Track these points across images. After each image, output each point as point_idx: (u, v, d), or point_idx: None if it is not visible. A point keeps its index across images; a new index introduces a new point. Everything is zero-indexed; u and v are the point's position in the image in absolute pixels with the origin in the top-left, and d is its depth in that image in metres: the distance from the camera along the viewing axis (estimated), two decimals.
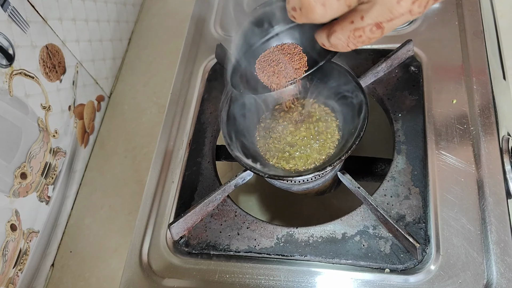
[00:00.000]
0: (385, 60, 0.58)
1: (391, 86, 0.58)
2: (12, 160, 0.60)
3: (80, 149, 0.78)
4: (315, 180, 0.52)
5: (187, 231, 0.54)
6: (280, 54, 0.49)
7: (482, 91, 0.55)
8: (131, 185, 0.76)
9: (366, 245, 0.49)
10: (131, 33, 0.95)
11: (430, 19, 0.63)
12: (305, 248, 0.50)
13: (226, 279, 0.50)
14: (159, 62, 0.90)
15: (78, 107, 0.76)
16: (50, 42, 0.69)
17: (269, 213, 0.70)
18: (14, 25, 0.60)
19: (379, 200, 0.51)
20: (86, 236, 0.73)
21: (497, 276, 0.44)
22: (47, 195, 0.68)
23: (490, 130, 0.52)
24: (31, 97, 0.64)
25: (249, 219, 0.53)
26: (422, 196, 0.50)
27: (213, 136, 0.61)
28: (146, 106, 0.85)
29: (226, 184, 0.54)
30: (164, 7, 0.98)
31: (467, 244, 0.47)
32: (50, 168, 0.68)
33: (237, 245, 0.52)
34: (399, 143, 0.54)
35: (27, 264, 0.64)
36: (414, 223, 0.49)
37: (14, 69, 0.60)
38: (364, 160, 0.58)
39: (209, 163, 0.59)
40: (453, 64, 0.58)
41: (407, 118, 0.55)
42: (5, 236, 0.59)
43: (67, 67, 0.73)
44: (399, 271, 0.47)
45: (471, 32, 0.59)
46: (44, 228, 0.68)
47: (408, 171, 0.52)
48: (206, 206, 0.54)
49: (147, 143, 0.80)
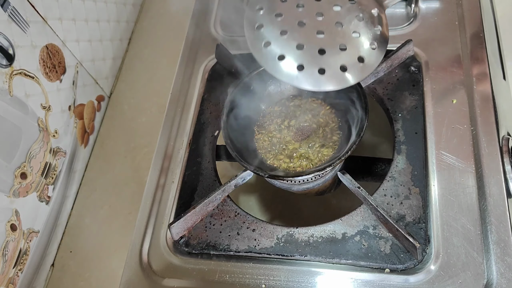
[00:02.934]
0: (385, 60, 0.58)
1: (391, 86, 0.58)
2: (12, 160, 0.60)
3: (80, 149, 0.77)
4: (315, 180, 0.52)
5: (187, 231, 0.54)
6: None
7: (482, 91, 0.55)
8: (131, 185, 0.76)
9: (366, 245, 0.49)
10: (131, 33, 0.95)
11: (430, 19, 0.63)
12: (305, 248, 0.50)
13: (226, 279, 0.50)
14: (159, 62, 0.90)
15: (78, 107, 0.76)
16: (50, 42, 0.69)
17: (269, 213, 0.70)
18: (14, 25, 0.60)
19: (379, 200, 0.51)
20: (86, 236, 0.73)
21: (497, 276, 0.44)
22: (47, 195, 0.68)
23: (490, 130, 0.52)
24: (31, 97, 0.64)
25: (249, 219, 0.53)
26: (422, 196, 0.50)
27: (213, 136, 0.61)
28: (146, 106, 0.85)
29: (226, 184, 0.54)
30: (164, 7, 0.98)
31: (467, 244, 0.47)
32: (50, 168, 0.68)
33: (237, 245, 0.52)
34: (399, 143, 0.54)
35: (27, 264, 0.64)
36: (414, 223, 0.49)
37: (14, 69, 0.60)
38: (364, 160, 0.58)
39: (209, 163, 0.59)
40: (453, 64, 0.58)
41: (407, 118, 0.55)
42: (5, 236, 0.59)
43: (67, 67, 0.73)
44: (399, 271, 0.47)
45: (471, 32, 0.59)
46: (44, 228, 0.68)
47: (408, 171, 0.52)
48: (206, 206, 0.54)
49: (147, 143, 0.80)
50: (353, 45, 0.39)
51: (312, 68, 0.39)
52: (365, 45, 0.40)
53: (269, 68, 0.40)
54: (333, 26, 0.40)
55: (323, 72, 0.39)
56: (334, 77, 0.39)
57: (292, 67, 0.39)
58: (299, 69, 0.39)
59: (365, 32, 0.40)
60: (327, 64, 0.39)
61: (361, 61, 0.39)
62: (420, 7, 0.64)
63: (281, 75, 0.40)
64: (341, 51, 0.39)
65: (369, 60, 0.40)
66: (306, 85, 0.40)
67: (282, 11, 0.40)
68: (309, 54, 0.39)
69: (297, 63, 0.39)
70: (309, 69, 0.39)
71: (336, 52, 0.39)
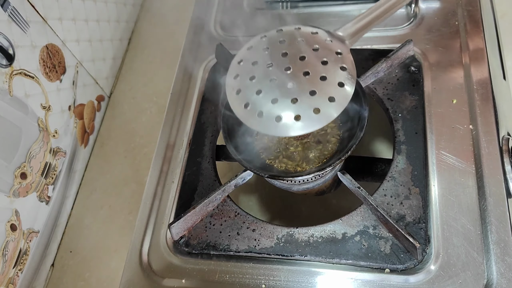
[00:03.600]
0: (385, 60, 0.58)
1: (391, 86, 0.58)
2: (12, 160, 0.60)
3: (80, 149, 0.77)
4: (315, 180, 0.52)
5: (187, 231, 0.54)
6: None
7: (482, 91, 0.55)
8: (131, 185, 0.76)
9: (366, 245, 0.49)
10: (131, 33, 0.95)
11: (430, 19, 0.63)
12: (305, 248, 0.50)
13: (226, 279, 0.50)
14: (159, 62, 0.90)
15: (78, 107, 0.76)
16: (50, 42, 0.69)
17: (269, 213, 0.70)
18: (14, 25, 0.60)
19: (379, 200, 0.51)
20: (86, 236, 0.73)
21: (497, 276, 0.44)
22: (47, 195, 0.68)
23: (490, 130, 0.52)
24: (31, 97, 0.64)
25: (249, 219, 0.53)
26: (422, 196, 0.50)
27: (213, 136, 0.61)
28: (146, 106, 0.85)
29: (226, 184, 0.54)
30: (164, 7, 0.98)
31: (467, 244, 0.47)
32: (50, 168, 0.68)
33: (237, 245, 0.52)
34: (399, 143, 0.54)
35: (27, 264, 0.64)
36: (414, 223, 0.49)
37: (14, 69, 0.60)
38: (364, 160, 0.58)
39: (209, 163, 0.59)
40: (453, 64, 0.58)
41: (407, 118, 0.55)
42: (5, 236, 0.59)
43: (67, 67, 0.73)
44: (399, 271, 0.47)
45: (471, 32, 0.60)
46: (44, 228, 0.68)
47: (408, 171, 0.52)
48: (206, 206, 0.54)
49: (147, 143, 0.80)
50: (321, 89, 0.44)
51: (288, 117, 0.43)
52: (332, 86, 0.44)
53: (251, 125, 0.44)
54: (301, 76, 0.44)
55: (298, 118, 0.43)
56: (309, 120, 0.43)
57: (271, 120, 0.44)
58: (277, 120, 0.44)
59: (331, 74, 0.44)
60: (301, 110, 0.43)
61: (332, 101, 0.43)
62: (420, 7, 0.64)
63: (263, 129, 0.44)
64: (312, 96, 0.43)
65: (339, 98, 0.44)
66: (287, 133, 0.44)
67: (255, 73, 0.46)
68: (284, 105, 0.43)
69: (275, 115, 0.44)
70: (286, 119, 0.43)
71: (307, 98, 0.43)
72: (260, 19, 0.70)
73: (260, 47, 0.48)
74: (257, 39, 0.49)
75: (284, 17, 0.69)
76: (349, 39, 0.48)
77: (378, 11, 0.50)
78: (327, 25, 0.67)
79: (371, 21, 0.49)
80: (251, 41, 0.49)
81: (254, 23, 0.69)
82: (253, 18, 0.70)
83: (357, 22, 0.49)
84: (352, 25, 0.49)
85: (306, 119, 0.43)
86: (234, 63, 0.48)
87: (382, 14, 0.50)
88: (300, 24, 0.49)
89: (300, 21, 0.67)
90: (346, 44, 0.48)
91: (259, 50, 0.47)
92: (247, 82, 0.46)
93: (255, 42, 0.48)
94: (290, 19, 0.67)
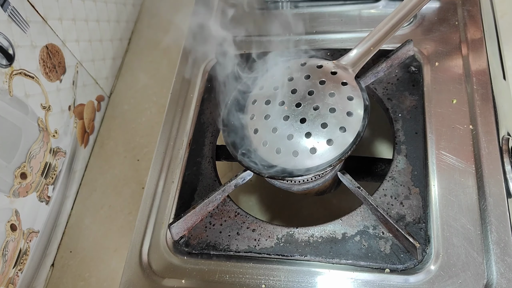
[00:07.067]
0: (385, 60, 0.58)
1: (391, 86, 0.58)
2: (12, 160, 0.60)
3: (80, 149, 0.78)
4: (315, 180, 0.52)
5: (187, 231, 0.54)
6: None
7: (482, 91, 0.55)
8: (131, 185, 0.76)
9: (366, 245, 0.49)
10: (131, 33, 0.95)
11: (430, 19, 0.63)
12: (305, 248, 0.50)
13: (226, 279, 0.50)
14: (159, 62, 0.90)
15: (78, 107, 0.76)
16: (50, 42, 0.69)
17: (269, 213, 0.70)
18: (14, 25, 0.60)
19: (379, 200, 0.51)
20: (86, 236, 0.73)
21: (497, 276, 0.44)
22: (47, 195, 0.68)
23: (490, 130, 0.52)
24: (31, 97, 0.64)
25: (249, 219, 0.53)
26: (422, 196, 0.50)
27: (213, 136, 0.61)
28: (146, 106, 0.85)
29: (226, 184, 0.54)
30: (164, 7, 0.98)
31: (467, 244, 0.47)
32: (50, 168, 0.68)
33: (237, 245, 0.52)
34: (399, 143, 0.54)
35: (27, 264, 0.64)
36: (414, 223, 0.49)
37: (14, 69, 0.60)
38: (364, 160, 0.58)
39: (209, 163, 0.59)
40: (453, 64, 0.58)
41: (407, 118, 0.55)
42: (5, 236, 0.59)
43: (67, 67, 0.73)
44: (399, 271, 0.47)
45: (471, 32, 0.59)
46: (44, 228, 0.68)
47: (408, 171, 0.52)
48: (206, 206, 0.54)
49: (147, 143, 0.80)
50: (331, 121, 0.47)
51: (304, 152, 0.47)
52: (341, 116, 0.48)
53: (272, 162, 0.48)
54: (312, 110, 0.48)
55: (314, 151, 0.47)
56: (324, 151, 0.47)
57: (289, 155, 0.48)
58: (295, 155, 0.47)
59: (339, 106, 0.48)
60: (315, 143, 0.47)
61: (343, 130, 0.47)
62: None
63: (283, 163, 0.48)
64: (324, 129, 0.47)
65: (349, 127, 0.47)
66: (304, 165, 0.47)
67: (269, 112, 0.50)
68: (299, 140, 0.47)
69: (292, 150, 0.47)
70: (303, 153, 0.47)
71: (319, 131, 0.47)
72: (260, 19, 0.70)
73: (271, 86, 0.52)
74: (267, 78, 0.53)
75: (284, 17, 0.69)
76: (352, 67, 0.52)
77: (378, 35, 0.53)
78: (327, 25, 0.67)
79: (372, 46, 0.53)
80: (262, 80, 0.53)
81: (254, 23, 0.69)
82: (253, 18, 0.70)
83: (359, 49, 0.53)
84: (354, 53, 0.53)
85: (321, 150, 0.47)
86: (249, 103, 0.52)
87: (382, 38, 0.53)
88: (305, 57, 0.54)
89: (300, 21, 0.67)
90: (350, 72, 0.52)
91: (270, 89, 0.52)
92: (263, 122, 0.50)
93: (265, 81, 0.53)
94: (290, 19, 0.67)
